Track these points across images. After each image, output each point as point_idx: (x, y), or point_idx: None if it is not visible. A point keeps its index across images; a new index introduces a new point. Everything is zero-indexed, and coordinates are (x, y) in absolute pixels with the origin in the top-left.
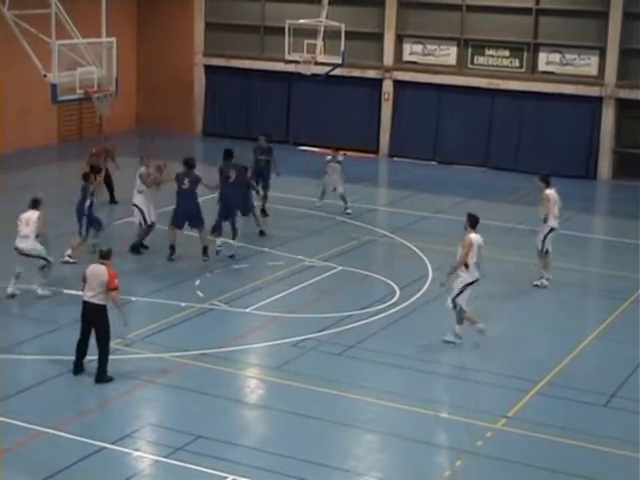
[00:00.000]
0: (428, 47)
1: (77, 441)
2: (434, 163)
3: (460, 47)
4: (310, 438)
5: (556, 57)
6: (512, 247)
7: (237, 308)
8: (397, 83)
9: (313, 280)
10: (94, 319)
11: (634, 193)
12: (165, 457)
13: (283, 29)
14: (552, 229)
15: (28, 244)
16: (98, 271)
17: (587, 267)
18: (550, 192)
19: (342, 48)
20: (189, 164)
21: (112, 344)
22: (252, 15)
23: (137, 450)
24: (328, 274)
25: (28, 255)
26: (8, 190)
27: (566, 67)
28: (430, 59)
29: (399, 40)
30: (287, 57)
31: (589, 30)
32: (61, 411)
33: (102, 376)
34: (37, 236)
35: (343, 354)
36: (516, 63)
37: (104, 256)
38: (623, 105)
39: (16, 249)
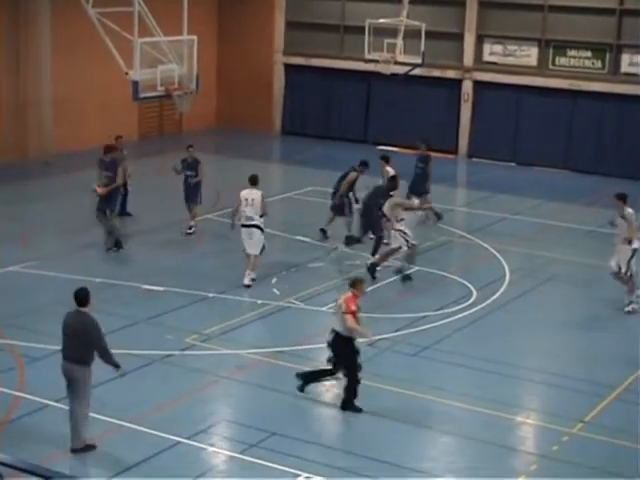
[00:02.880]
0: (508, 47)
1: (153, 435)
2: (513, 164)
3: (541, 48)
4: (385, 438)
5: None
6: (591, 250)
7: (313, 306)
8: (477, 84)
9: (389, 280)
10: (335, 349)
11: None
12: (239, 453)
13: (363, 28)
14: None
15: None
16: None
17: None
18: None
19: (422, 48)
20: None
21: (189, 340)
22: (332, 14)
23: (212, 445)
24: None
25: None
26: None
27: None
28: (510, 60)
29: (479, 40)
30: (367, 56)
31: None
32: (137, 405)
33: (347, 404)
34: (261, 216)
35: (418, 355)
36: (598, 64)
37: (351, 284)
38: None
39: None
